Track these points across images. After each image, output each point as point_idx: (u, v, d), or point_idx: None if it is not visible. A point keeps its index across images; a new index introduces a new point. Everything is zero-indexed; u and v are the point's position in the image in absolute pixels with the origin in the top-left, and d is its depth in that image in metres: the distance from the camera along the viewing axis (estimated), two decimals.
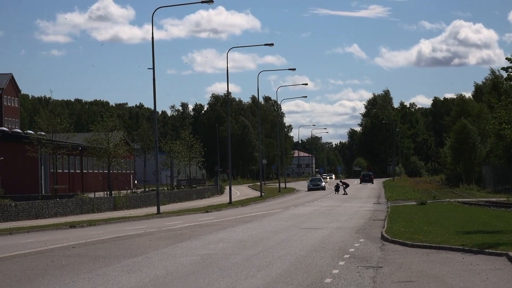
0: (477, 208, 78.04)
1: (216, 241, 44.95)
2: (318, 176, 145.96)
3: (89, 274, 27.72)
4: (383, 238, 43.66)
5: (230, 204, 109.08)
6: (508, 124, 41.43)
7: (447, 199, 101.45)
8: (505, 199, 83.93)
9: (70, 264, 32.55)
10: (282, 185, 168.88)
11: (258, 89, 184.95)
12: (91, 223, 67.15)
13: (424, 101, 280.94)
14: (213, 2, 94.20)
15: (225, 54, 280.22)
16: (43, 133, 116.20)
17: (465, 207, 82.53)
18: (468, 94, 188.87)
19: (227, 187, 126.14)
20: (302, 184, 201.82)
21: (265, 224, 63.29)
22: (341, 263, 29.62)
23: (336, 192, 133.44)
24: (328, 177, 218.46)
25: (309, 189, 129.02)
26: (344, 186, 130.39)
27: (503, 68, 41.12)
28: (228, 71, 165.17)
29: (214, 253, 35.50)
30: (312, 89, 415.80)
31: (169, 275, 26.55)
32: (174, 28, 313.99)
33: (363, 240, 42.84)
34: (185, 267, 29.71)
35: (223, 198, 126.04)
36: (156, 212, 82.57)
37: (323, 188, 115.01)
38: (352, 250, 36.26)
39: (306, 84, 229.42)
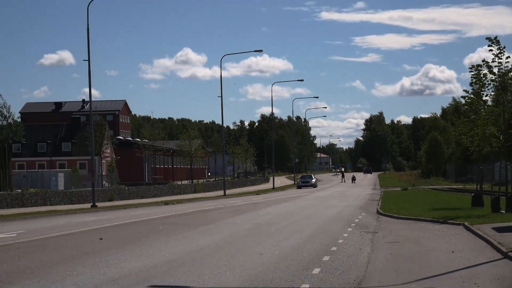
0: (442, 192, 78.24)
1: (264, 214, 45.85)
2: (309, 174, 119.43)
3: (178, 236, 28.90)
4: (378, 212, 43.95)
5: (273, 189, 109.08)
6: (464, 135, 41.40)
7: (422, 186, 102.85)
8: (461, 186, 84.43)
9: (165, 229, 33.50)
10: None
11: (292, 111, 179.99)
12: (179, 202, 68.38)
13: (406, 119, 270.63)
14: (261, 51, 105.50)
15: (270, 87, 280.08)
16: (146, 140, 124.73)
17: (434, 192, 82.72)
18: (437, 114, 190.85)
19: (271, 178, 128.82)
20: (323, 176, 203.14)
21: (297, 203, 64.08)
22: (349, 229, 30.21)
23: (353, 181, 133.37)
24: (339, 170, 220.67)
25: (298, 187, 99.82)
26: (353, 178, 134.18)
27: (462, 97, 41.21)
28: (272, 98, 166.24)
29: (263, 222, 36.36)
30: (329, 111, 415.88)
31: (232, 236, 27.62)
32: (233, 69, 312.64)
33: (364, 214, 43.27)
34: (243, 231, 30.65)
35: (269, 185, 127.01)
36: (223, 194, 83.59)
37: (313, 185, 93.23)
38: (356, 220, 36.77)
39: (325, 107, 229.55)
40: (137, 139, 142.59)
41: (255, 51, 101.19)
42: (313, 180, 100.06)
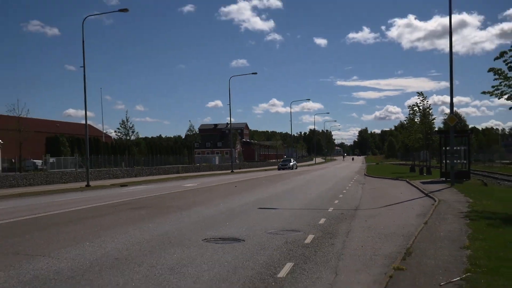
0: (395, 166, 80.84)
1: (310, 176, 47.79)
2: (288, 158, 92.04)
3: (273, 185, 30.80)
4: (365, 174, 46.86)
5: (315, 164, 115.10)
6: (406, 138, 51.35)
7: (385, 163, 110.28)
8: (404, 162, 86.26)
9: (265, 183, 35.11)
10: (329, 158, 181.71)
11: (324, 129, 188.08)
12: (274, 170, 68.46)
13: (378, 131, 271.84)
14: (309, 99, 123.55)
15: (313, 117, 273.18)
16: (256, 141, 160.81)
17: (391, 165, 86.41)
18: (392, 128, 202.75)
19: (314, 159, 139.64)
20: (338, 158, 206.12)
21: (324, 170, 66.65)
22: (351, 183, 32.69)
23: (352, 160, 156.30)
24: (345, 155, 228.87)
25: (279, 169, 74.83)
26: (353, 158, 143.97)
27: (405, 120, 48.67)
28: (315, 121, 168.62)
29: (310, 179, 38.68)
30: (342, 128, 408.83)
31: (295, 186, 29.74)
32: (295, 107, 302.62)
33: (358, 175, 45.68)
34: (301, 183, 32.85)
35: (312, 163, 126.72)
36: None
37: (291, 168, 74.03)
38: (354, 178, 39.30)
39: (339, 126, 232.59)
40: (252, 140, 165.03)
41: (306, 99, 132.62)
42: (291, 163, 75.52)
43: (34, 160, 65.07)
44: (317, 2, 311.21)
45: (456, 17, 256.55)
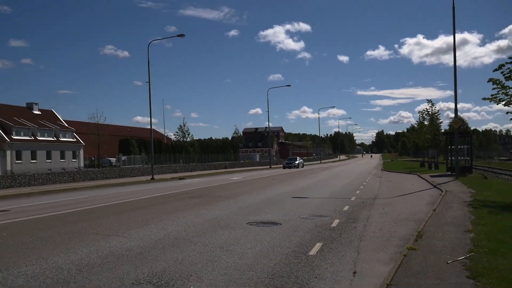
0: (407, 162, 79.45)
1: (336, 170, 47.16)
2: (294, 157, 73.68)
3: (303, 178, 30.53)
4: (382, 169, 45.63)
5: (339, 160, 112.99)
6: (417, 138, 48.12)
7: (399, 159, 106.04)
8: (415, 159, 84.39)
9: (297, 176, 34.63)
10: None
11: (347, 131, 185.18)
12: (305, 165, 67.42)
13: (392, 132, 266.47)
14: (334, 107, 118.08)
15: (337, 121, 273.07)
16: (289, 141, 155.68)
17: (404, 161, 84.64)
18: (405, 130, 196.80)
19: (338, 156, 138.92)
20: (358, 155, 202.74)
21: (347, 166, 65.68)
22: (370, 176, 32.12)
23: (371, 157, 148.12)
24: (365, 153, 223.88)
25: (284, 167, 60.67)
26: (371, 156, 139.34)
27: (416, 123, 47.33)
28: (339, 125, 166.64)
29: (335, 174, 38.07)
30: (362, 130, 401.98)
31: (323, 179, 29.37)
32: (322, 113, 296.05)
33: (376, 170, 44.66)
34: (327, 176, 32.27)
35: (337, 160, 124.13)
36: (319, 162, 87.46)
37: (296, 167, 60.04)
38: (373, 172, 38.55)
39: (360, 128, 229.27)
40: (286, 141, 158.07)
41: (332, 106, 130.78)
42: (297, 162, 60.84)
43: (110, 158, 66.80)
44: (340, 26, 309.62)
45: (458, 36, 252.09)
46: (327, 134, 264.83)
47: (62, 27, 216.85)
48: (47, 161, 61.75)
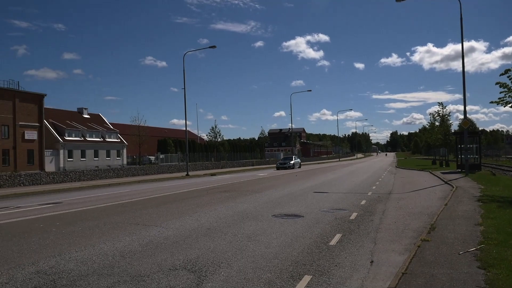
0: (419, 159, 77.26)
1: (354, 167, 46.48)
2: (290, 156, 54.25)
3: (324, 175, 30.22)
4: (396, 166, 44.92)
5: (357, 158, 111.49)
6: (428, 138, 46.91)
7: (412, 157, 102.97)
8: (427, 157, 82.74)
9: (320, 172, 34.54)
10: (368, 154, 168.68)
11: (363, 132, 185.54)
12: (326, 163, 67.21)
13: (405, 132, 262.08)
14: (351, 109, 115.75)
15: (354, 123, 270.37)
16: (310, 141, 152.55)
17: (417, 159, 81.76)
18: (417, 131, 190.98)
19: (356, 155, 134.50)
20: (373, 154, 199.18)
21: (364, 163, 64.75)
22: (385, 173, 31.51)
23: (386, 155, 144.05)
24: (380, 152, 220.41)
25: (277, 168, 45.79)
26: (386, 154, 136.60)
27: (427, 124, 45.74)
28: (356, 127, 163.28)
29: (353, 170, 37.35)
30: (377, 131, 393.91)
31: (343, 175, 28.87)
32: (340, 115, 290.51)
33: (390, 167, 43.80)
34: (347, 173, 31.73)
35: (354, 158, 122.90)
36: (338, 160, 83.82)
37: (291, 167, 45.77)
38: (388, 169, 37.74)
39: (375, 129, 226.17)
40: (308, 141, 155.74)
41: (349, 109, 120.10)
42: (292, 162, 47.21)
43: (149, 156, 67.61)
44: (356, 36, 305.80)
45: (466, 44, 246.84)
46: (345, 134, 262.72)
47: (108, 41, 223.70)
48: (95, 159, 62.96)
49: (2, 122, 49.05)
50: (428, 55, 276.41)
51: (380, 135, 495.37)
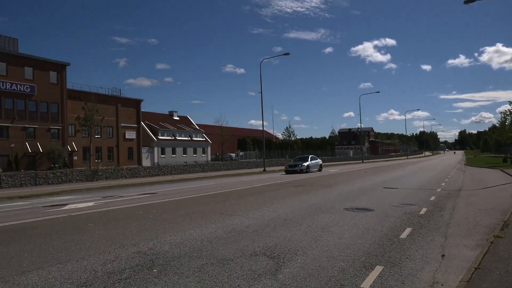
0: (490, 157, 71.18)
1: (419, 166, 43.92)
2: (305, 156, 32.57)
3: (387, 172, 29.05)
4: (465, 164, 42.02)
5: (424, 156, 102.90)
6: (499, 136, 44.20)
7: (481, 155, 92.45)
8: (497, 155, 76.77)
9: (382, 171, 33.28)
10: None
11: (431, 131, 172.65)
12: (387, 161, 64.18)
13: (474, 131, 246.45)
14: (419, 109, 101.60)
15: (422, 122, 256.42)
16: (378, 139, 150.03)
17: (486, 157, 75.47)
18: (486, 130, 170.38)
19: (424, 153, 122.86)
20: (440, 152, 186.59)
21: (430, 161, 61.61)
22: (454, 170, 29.81)
23: (454, 153, 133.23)
24: (448, 150, 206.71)
25: (287, 172, 29.72)
26: (454, 152, 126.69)
27: (497, 123, 40.71)
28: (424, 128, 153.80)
29: (417, 169, 35.34)
30: (445, 130, 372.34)
31: (408, 173, 27.68)
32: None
33: (459, 165, 41.29)
34: (412, 171, 30.18)
35: (422, 155, 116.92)
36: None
37: (304, 171, 29.22)
38: (457, 167, 35.53)
39: (443, 128, 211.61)
40: (376, 140, 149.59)
41: (417, 109, 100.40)
42: (305, 163, 30.74)
43: (230, 154, 69.12)
44: (422, 39, 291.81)
45: None
46: (412, 133, 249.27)
47: (193, 52, 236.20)
48: (183, 155, 65.72)
49: (108, 124, 52.85)
50: (497, 55, 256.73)
51: (448, 134, 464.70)
